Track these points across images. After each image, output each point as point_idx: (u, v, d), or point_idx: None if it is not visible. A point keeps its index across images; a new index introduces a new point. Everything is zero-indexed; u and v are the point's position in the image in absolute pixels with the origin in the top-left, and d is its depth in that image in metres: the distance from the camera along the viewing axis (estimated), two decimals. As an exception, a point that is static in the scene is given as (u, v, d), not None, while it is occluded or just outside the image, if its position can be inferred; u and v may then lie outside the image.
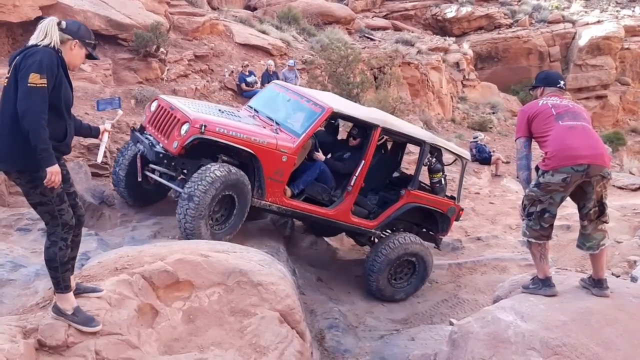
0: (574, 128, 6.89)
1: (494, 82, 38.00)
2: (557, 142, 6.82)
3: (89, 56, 5.91)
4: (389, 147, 13.63)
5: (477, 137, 25.93)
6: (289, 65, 23.75)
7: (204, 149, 10.18)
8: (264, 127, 10.91)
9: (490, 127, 31.95)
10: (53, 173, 5.25)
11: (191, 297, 6.77)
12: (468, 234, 16.29)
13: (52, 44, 5.39)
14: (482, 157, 24.68)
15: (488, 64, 40.45)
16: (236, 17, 29.38)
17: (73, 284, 5.92)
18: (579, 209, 7.16)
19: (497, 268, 13.42)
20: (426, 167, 12.45)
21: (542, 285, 7.15)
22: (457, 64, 36.18)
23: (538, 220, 7.05)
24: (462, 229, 16.37)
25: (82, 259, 8.26)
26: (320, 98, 11.59)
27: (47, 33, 5.40)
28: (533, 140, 7.22)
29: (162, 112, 10.62)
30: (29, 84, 5.13)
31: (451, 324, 9.05)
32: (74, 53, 5.65)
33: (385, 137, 12.55)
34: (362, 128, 12.01)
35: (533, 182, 7.05)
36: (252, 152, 10.19)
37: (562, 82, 7.56)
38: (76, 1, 18.03)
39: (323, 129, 12.59)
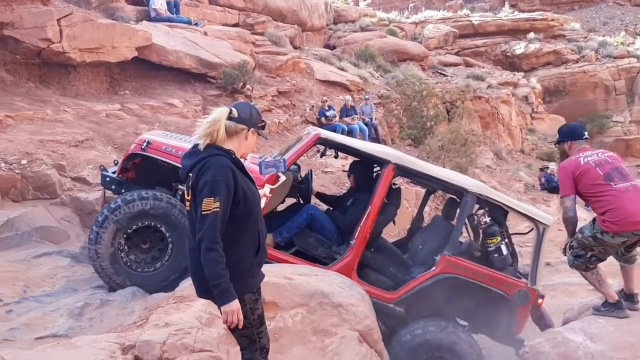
0: (628, 191, 6.86)
1: (562, 115, 37.33)
2: (617, 209, 6.79)
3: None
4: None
5: (546, 167, 25.78)
6: (365, 99, 23.84)
7: (163, 177, 8.88)
8: None
9: (558, 158, 31.44)
10: (228, 313, 4.43)
11: (276, 317, 6.75)
12: (538, 259, 16.04)
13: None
14: (551, 186, 24.56)
15: (556, 97, 39.85)
16: (316, 55, 29.59)
17: None
18: (625, 249, 7.20)
19: (566, 292, 13.19)
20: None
21: (614, 308, 7.15)
22: (526, 98, 35.81)
23: (585, 262, 7.17)
24: (531, 254, 16.13)
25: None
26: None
27: (213, 134, 4.63)
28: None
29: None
30: (202, 212, 4.41)
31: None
32: (248, 142, 4.83)
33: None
34: (361, 163, 9.43)
35: (588, 232, 7.06)
36: None
37: (586, 133, 7.51)
38: (169, 42, 18.44)
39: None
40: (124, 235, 8.24)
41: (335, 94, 24.88)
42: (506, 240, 8.81)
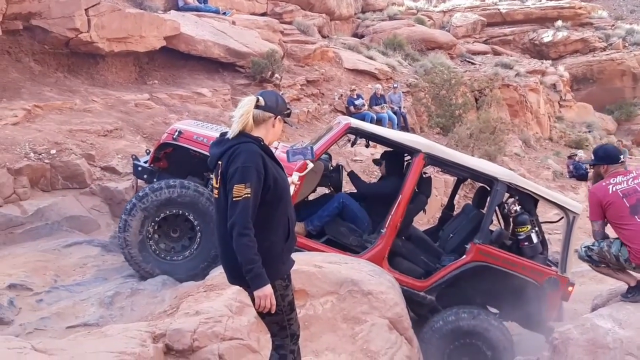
0: None
1: (590, 102, 37.33)
2: (639, 245, 6.80)
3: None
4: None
5: (575, 155, 25.75)
6: (393, 88, 23.72)
7: (195, 167, 8.82)
8: None
9: (586, 145, 31.27)
10: (261, 297, 4.44)
11: (306, 305, 6.80)
12: (567, 246, 15.97)
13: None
14: (579, 173, 24.60)
15: (583, 85, 39.67)
16: (345, 44, 29.51)
17: None
18: None
19: (594, 279, 13.06)
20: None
21: (637, 291, 7.15)
22: (554, 86, 35.63)
23: (597, 266, 7.32)
24: (561, 242, 16.08)
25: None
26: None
27: (244, 123, 4.61)
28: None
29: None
30: (233, 198, 4.41)
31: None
32: (275, 130, 4.85)
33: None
34: (392, 152, 9.27)
35: (614, 250, 7.05)
36: None
37: (622, 156, 7.43)
38: (198, 31, 18.46)
39: None
40: (152, 223, 8.27)
41: (363, 83, 24.84)
42: (536, 228, 8.78)
